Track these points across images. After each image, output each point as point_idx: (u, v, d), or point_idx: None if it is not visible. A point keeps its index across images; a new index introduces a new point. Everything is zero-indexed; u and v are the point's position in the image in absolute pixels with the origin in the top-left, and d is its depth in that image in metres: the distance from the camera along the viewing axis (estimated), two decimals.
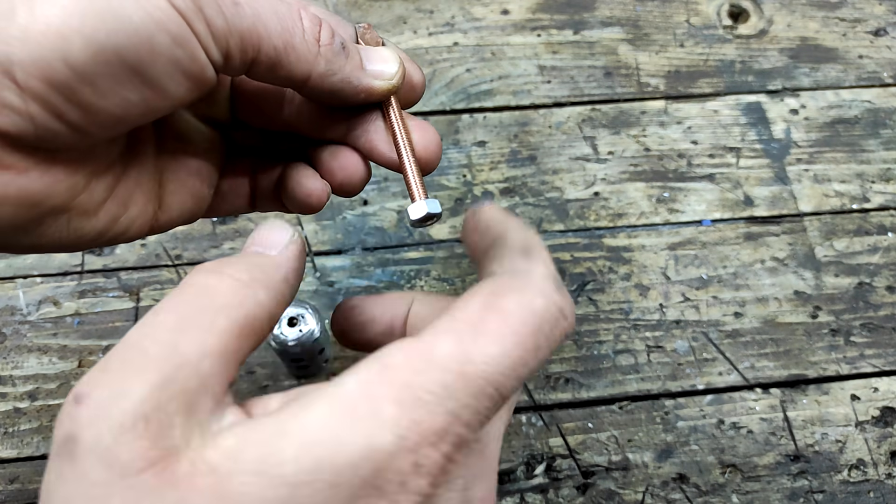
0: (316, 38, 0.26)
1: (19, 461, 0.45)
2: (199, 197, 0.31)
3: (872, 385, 0.49)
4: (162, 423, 0.19)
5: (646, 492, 0.45)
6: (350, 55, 0.28)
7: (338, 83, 0.27)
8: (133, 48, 0.22)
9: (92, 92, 0.23)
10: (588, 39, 0.63)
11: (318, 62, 0.27)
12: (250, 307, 0.22)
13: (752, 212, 0.55)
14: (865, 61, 0.63)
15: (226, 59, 0.25)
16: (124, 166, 0.28)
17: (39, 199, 0.25)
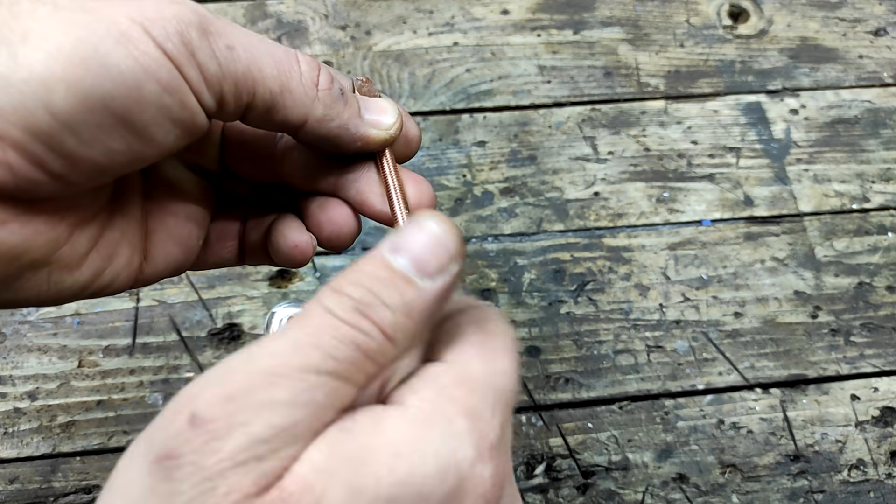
0: (314, 82, 0.26)
1: (19, 461, 0.45)
2: (188, 248, 0.30)
3: (872, 385, 0.49)
4: (273, 465, 0.18)
5: (646, 492, 0.45)
6: (349, 102, 0.27)
7: (335, 129, 0.27)
8: (120, 97, 0.21)
9: (75, 141, 0.22)
10: (588, 39, 0.63)
11: (316, 107, 0.26)
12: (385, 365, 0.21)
13: (752, 212, 0.55)
14: (865, 61, 0.63)
15: (219, 105, 0.24)
16: (109, 216, 0.27)
17: (18, 253, 0.23)
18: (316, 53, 0.61)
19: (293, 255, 0.31)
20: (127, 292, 0.50)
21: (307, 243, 0.30)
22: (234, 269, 0.51)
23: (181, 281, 0.51)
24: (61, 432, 0.46)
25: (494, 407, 0.21)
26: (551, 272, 0.52)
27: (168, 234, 0.30)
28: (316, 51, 0.61)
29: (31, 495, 0.44)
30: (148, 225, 0.29)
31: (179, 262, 0.30)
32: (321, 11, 0.63)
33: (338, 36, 0.62)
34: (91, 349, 0.48)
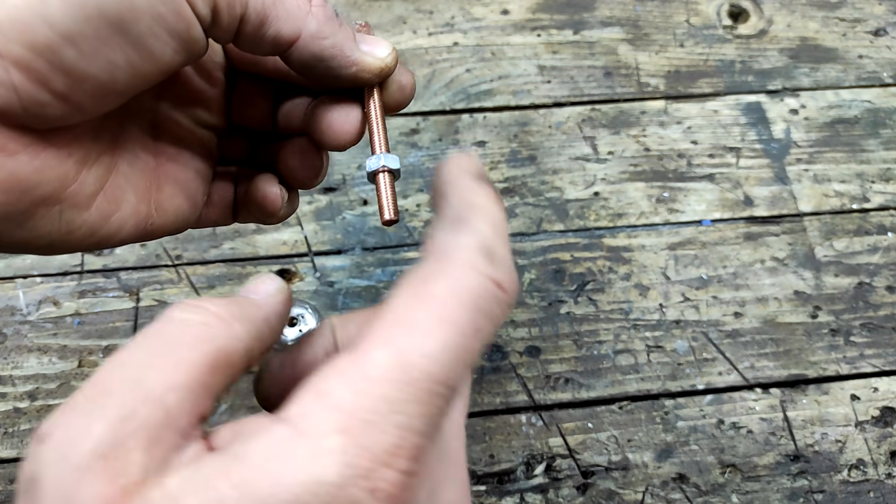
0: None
1: (19, 461, 0.45)
2: (194, 202, 0.31)
3: (872, 385, 0.49)
4: (119, 461, 0.18)
5: (646, 492, 0.45)
6: (343, 26, 0.27)
7: (328, 48, 0.27)
8: (114, 5, 0.22)
9: (76, 54, 0.22)
10: (588, 39, 0.63)
11: (310, 21, 0.26)
12: (224, 340, 0.21)
13: (751, 212, 0.55)
14: (865, 61, 0.63)
15: (214, 14, 0.24)
16: (115, 161, 0.28)
17: (30, 186, 0.24)
18: None
19: (263, 204, 0.32)
20: (127, 292, 0.50)
21: (276, 195, 0.31)
22: (234, 268, 0.51)
23: (181, 281, 0.51)
24: None
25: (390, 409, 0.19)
26: (551, 272, 0.52)
27: (178, 187, 0.30)
28: None
29: None
30: (159, 176, 0.30)
31: (186, 217, 0.31)
32: None
33: None
34: (91, 349, 0.48)
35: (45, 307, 0.49)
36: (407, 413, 0.19)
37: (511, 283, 0.22)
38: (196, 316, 0.21)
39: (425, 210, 0.54)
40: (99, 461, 0.18)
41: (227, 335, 0.21)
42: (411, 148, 0.57)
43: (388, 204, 0.29)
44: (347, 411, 0.18)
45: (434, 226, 0.23)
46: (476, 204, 0.23)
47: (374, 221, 0.54)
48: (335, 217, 0.54)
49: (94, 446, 0.18)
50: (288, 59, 0.27)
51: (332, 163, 0.56)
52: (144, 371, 0.19)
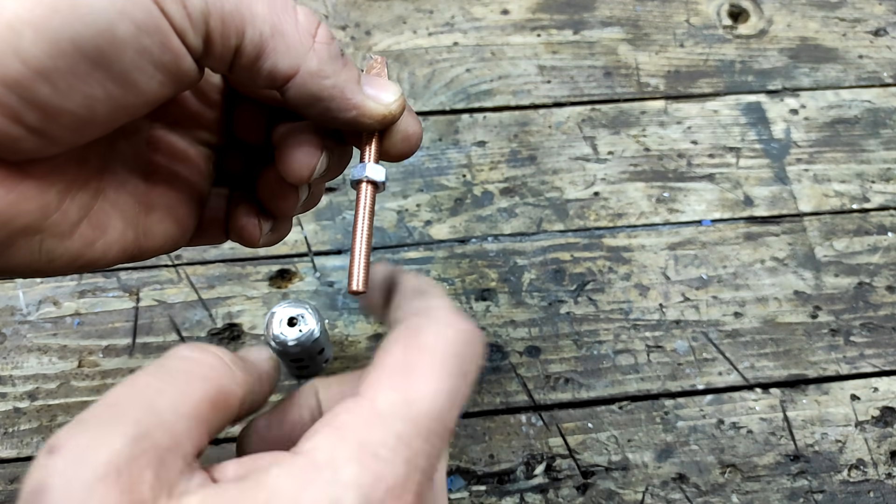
0: (311, 33, 0.24)
1: (19, 461, 0.45)
2: (184, 224, 0.30)
3: (872, 385, 0.49)
4: (133, 477, 0.19)
5: (646, 492, 0.45)
6: (348, 65, 0.25)
7: (328, 89, 0.25)
8: (91, 38, 0.20)
9: (50, 90, 0.20)
10: (588, 39, 0.63)
11: (311, 58, 0.24)
12: (227, 382, 0.23)
13: (751, 212, 0.55)
14: (865, 61, 0.63)
15: (206, 45, 0.22)
16: (101, 184, 0.27)
17: (7, 218, 0.23)
18: None
19: (241, 235, 0.31)
20: (127, 292, 0.50)
21: (254, 226, 0.31)
22: (234, 268, 0.51)
23: (181, 281, 0.51)
24: None
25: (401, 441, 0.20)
26: (551, 272, 0.52)
27: (168, 211, 0.29)
28: None
29: None
30: (150, 199, 0.29)
31: (175, 239, 0.30)
32: (321, 11, 0.63)
33: (338, 36, 0.62)
34: (91, 349, 0.48)
35: (45, 307, 0.49)
36: (413, 449, 0.20)
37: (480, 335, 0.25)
38: (204, 356, 0.23)
39: (425, 210, 0.54)
40: (112, 475, 0.18)
41: (230, 379, 0.23)
42: None
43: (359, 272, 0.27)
44: (360, 443, 0.20)
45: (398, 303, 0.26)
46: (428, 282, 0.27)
47: (374, 221, 0.54)
48: (335, 217, 0.54)
49: (108, 459, 0.18)
50: (284, 94, 0.25)
51: None
52: (156, 397, 0.21)
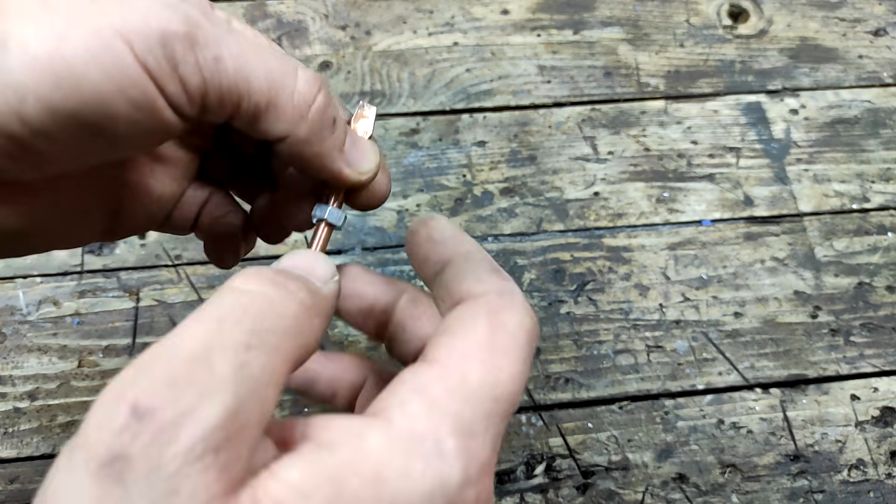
0: (309, 102, 0.25)
1: (19, 461, 0.45)
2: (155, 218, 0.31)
3: (872, 385, 0.49)
4: (230, 456, 0.17)
5: (646, 492, 0.45)
6: (336, 133, 0.26)
7: (311, 156, 0.26)
8: (89, 113, 0.21)
9: (47, 143, 0.22)
10: (588, 39, 0.63)
11: (301, 127, 0.25)
12: (308, 337, 0.21)
13: (751, 212, 0.55)
14: (865, 61, 0.63)
15: (201, 113, 0.24)
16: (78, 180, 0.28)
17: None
18: (316, 53, 0.61)
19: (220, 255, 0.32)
20: (127, 292, 0.50)
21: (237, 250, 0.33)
22: (235, 268, 0.51)
23: (181, 281, 0.51)
24: (61, 432, 0.46)
25: (489, 420, 0.21)
26: (551, 272, 0.52)
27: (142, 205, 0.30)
28: (316, 51, 0.61)
29: (31, 495, 0.44)
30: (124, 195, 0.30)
31: (143, 226, 0.31)
32: (321, 11, 0.63)
33: (338, 36, 0.62)
34: (91, 349, 0.48)
35: (45, 307, 0.49)
36: (497, 428, 0.21)
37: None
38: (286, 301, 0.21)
39: (425, 210, 0.54)
40: (210, 453, 0.17)
41: (310, 332, 0.22)
42: (411, 148, 0.57)
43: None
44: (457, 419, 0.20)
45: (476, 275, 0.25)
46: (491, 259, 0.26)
47: (375, 221, 0.54)
48: None
49: (206, 434, 0.17)
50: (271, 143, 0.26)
51: None
52: (248, 356, 0.19)
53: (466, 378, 0.21)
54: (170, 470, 0.16)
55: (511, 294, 0.24)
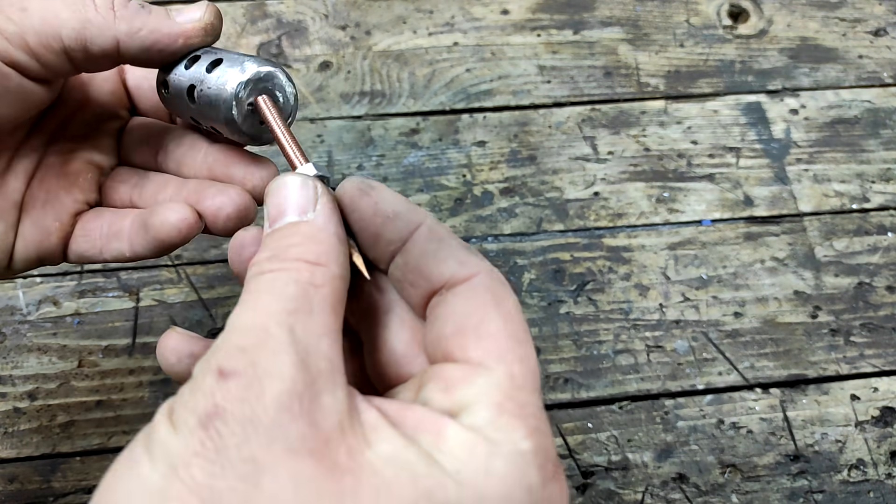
0: (110, 7, 0.29)
1: (19, 461, 0.45)
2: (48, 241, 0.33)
3: (872, 385, 0.49)
4: (313, 403, 0.19)
5: (645, 492, 0.45)
6: (153, 12, 0.30)
7: (149, 37, 0.29)
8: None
9: None
10: (588, 39, 0.63)
11: (119, 25, 0.28)
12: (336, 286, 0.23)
13: (751, 212, 0.55)
14: (865, 61, 0.63)
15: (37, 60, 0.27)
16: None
17: None
18: (316, 53, 0.61)
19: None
20: (127, 292, 0.50)
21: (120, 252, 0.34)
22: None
23: (181, 281, 0.51)
24: (61, 432, 0.46)
25: (541, 411, 0.22)
26: (551, 272, 0.52)
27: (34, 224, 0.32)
28: (316, 51, 0.61)
29: (31, 495, 0.44)
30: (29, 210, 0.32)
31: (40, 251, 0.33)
32: (321, 11, 0.63)
33: (338, 36, 0.62)
34: (91, 349, 0.48)
35: (45, 307, 0.49)
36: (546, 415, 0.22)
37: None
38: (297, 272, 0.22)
39: (425, 210, 0.54)
40: (295, 401, 0.19)
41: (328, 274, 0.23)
42: (411, 148, 0.57)
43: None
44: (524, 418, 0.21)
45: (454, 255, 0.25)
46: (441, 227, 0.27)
47: None
48: None
49: (288, 386, 0.19)
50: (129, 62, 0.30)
51: (332, 163, 0.56)
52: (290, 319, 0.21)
53: (514, 377, 0.22)
54: (267, 419, 0.18)
55: (493, 272, 0.24)
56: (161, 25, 0.29)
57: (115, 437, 0.45)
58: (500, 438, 0.21)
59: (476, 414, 0.21)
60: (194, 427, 0.18)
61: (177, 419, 0.19)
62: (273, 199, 0.25)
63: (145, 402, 0.47)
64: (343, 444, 0.19)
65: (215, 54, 0.31)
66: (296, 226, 0.24)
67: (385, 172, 0.56)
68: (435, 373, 0.23)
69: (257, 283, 0.22)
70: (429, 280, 0.25)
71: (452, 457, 0.20)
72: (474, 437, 0.20)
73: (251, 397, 0.19)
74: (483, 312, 0.23)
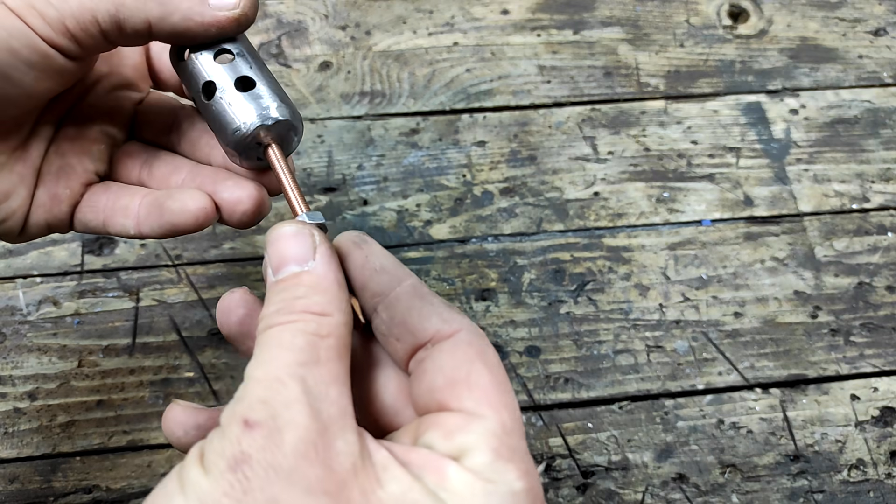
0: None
1: (19, 461, 0.45)
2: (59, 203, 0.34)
3: (872, 385, 0.49)
4: (327, 449, 0.21)
5: (645, 492, 0.45)
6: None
7: (181, 22, 0.29)
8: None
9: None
10: (588, 39, 0.63)
11: (150, 7, 0.29)
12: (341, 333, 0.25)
13: (751, 212, 0.55)
14: (865, 61, 0.63)
15: (76, 42, 0.28)
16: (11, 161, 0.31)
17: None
18: (316, 53, 0.61)
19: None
20: (127, 292, 0.50)
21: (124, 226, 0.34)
22: (235, 268, 0.51)
23: (181, 281, 0.51)
24: (61, 432, 0.46)
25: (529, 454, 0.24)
26: (551, 272, 0.52)
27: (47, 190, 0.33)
28: (316, 51, 0.61)
29: (31, 495, 0.44)
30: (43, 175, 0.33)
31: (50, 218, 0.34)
32: (321, 11, 0.63)
33: (338, 36, 0.62)
34: (91, 349, 0.48)
35: (45, 307, 0.49)
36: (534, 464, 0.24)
37: None
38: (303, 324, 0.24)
39: (425, 210, 0.54)
40: (311, 449, 0.21)
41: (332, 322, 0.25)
42: (411, 148, 0.57)
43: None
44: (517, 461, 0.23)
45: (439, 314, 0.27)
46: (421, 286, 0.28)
47: (374, 221, 0.54)
48: (335, 217, 0.54)
49: (304, 435, 0.21)
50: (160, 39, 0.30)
51: (332, 163, 0.56)
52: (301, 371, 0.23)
53: (505, 424, 0.24)
54: (286, 465, 0.21)
55: (474, 327, 0.26)
56: (194, 12, 0.29)
57: (115, 437, 0.45)
58: (497, 479, 0.23)
59: (475, 458, 0.23)
60: (224, 470, 0.21)
61: (207, 462, 0.21)
62: (273, 248, 0.26)
63: (145, 402, 0.47)
64: (356, 486, 0.21)
65: (246, 64, 0.31)
66: (298, 276, 0.25)
67: (385, 172, 0.56)
68: (433, 421, 0.25)
69: (268, 338, 0.24)
70: (414, 335, 0.26)
71: (454, 494, 0.22)
72: (474, 478, 0.23)
73: (272, 446, 0.21)
74: (471, 366, 0.25)
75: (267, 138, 0.31)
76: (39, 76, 0.29)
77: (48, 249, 0.51)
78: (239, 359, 0.48)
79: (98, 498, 0.44)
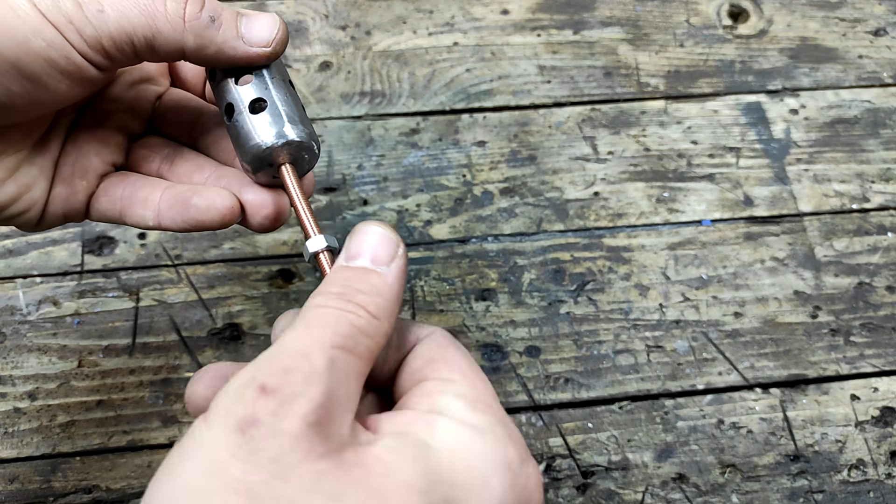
0: (181, 16, 0.29)
1: (19, 461, 0.45)
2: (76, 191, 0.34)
3: (872, 385, 0.49)
4: (331, 429, 0.23)
5: (645, 492, 0.45)
6: (222, 27, 0.30)
7: (213, 55, 0.30)
8: (12, 49, 0.27)
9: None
10: (588, 39, 0.63)
11: (187, 38, 0.30)
12: (379, 340, 0.26)
13: (751, 212, 0.55)
14: (865, 61, 0.63)
15: (108, 58, 0.29)
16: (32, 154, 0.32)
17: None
18: (316, 53, 0.61)
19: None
20: (127, 292, 0.50)
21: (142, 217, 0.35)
22: (235, 268, 0.51)
23: (181, 281, 0.51)
24: (61, 432, 0.46)
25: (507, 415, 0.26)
26: (551, 272, 0.52)
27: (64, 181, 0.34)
28: (316, 51, 0.61)
29: (31, 495, 0.44)
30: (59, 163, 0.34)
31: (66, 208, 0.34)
32: (321, 11, 0.63)
33: (338, 36, 0.62)
34: (91, 349, 0.48)
35: (45, 307, 0.49)
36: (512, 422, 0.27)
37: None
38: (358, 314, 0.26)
39: (425, 210, 0.54)
40: (316, 422, 0.22)
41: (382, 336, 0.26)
42: (411, 148, 0.57)
43: None
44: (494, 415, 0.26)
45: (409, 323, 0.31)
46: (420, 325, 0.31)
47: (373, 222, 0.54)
48: (335, 217, 0.54)
49: (315, 409, 0.22)
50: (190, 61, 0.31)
51: (332, 163, 0.56)
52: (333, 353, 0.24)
53: (477, 388, 0.27)
54: (292, 432, 0.22)
55: (443, 331, 0.30)
56: (227, 47, 0.30)
57: (115, 437, 0.45)
58: (480, 425, 0.25)
59: (456, 411, 0.25)
60: (233, 427, 0.22)
61: (212, 419, 0.22)
62: (359, 238, 0.28)
63: (145, 402, 0.47)
64: (350, 449, 0.23)
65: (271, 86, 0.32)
66: (369, 273, 0.27)
67: (385, 172, 0.56)
68: (414, 390, 0.27)
69: (315, 315, 0.25)
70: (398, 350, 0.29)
71: (443, 440, 0.24)
72: (460, 424, 0.25)
73: (282, 412, 0.22)
74: (446, 350, 0.28)
75: (281, 157, 0.32)
76: (71, 84, 0.30)
77: (48, 249, 0.51)
78: (239, 359, 0.48)
79: (98, 498, 0.44)
